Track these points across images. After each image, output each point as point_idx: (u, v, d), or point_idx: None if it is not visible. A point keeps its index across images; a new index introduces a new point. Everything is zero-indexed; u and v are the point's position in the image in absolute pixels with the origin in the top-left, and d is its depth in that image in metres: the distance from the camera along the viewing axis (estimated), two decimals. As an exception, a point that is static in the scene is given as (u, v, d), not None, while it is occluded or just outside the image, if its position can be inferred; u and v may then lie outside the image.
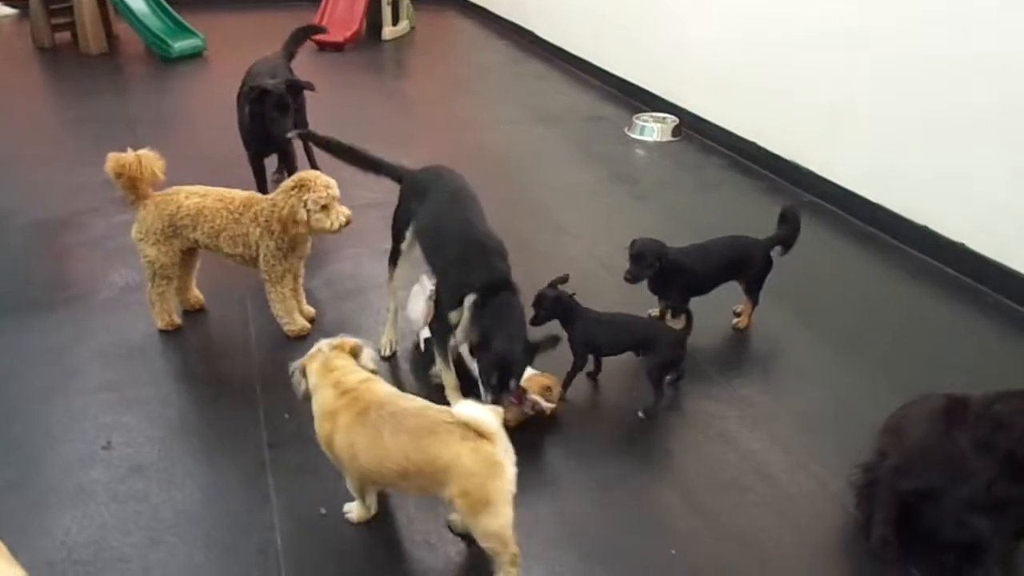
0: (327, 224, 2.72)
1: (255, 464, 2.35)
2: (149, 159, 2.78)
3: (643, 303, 3.28)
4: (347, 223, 2.77)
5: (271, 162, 4.05)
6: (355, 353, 2.12)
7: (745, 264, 3.01)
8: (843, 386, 2.84)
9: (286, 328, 2.95)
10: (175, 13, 7.14)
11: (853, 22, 4.03)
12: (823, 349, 3.03)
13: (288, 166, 3.95)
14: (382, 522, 2.17)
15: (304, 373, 2.08)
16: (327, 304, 3.20)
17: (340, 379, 2.01)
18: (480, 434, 1.80)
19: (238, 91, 4.00)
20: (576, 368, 2.68)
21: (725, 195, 4.51)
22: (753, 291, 3.07)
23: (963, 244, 3.56)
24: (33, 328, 2.98)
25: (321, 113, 3.76)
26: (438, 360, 2.56)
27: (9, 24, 7.98)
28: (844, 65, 4.11)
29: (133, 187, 2.79)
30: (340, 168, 3.01)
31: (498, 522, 1.83)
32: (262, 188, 3.88)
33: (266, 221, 2.78)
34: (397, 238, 2.81)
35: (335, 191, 2.74)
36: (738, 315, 3.14)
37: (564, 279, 2.73)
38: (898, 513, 2.10)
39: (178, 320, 3.00)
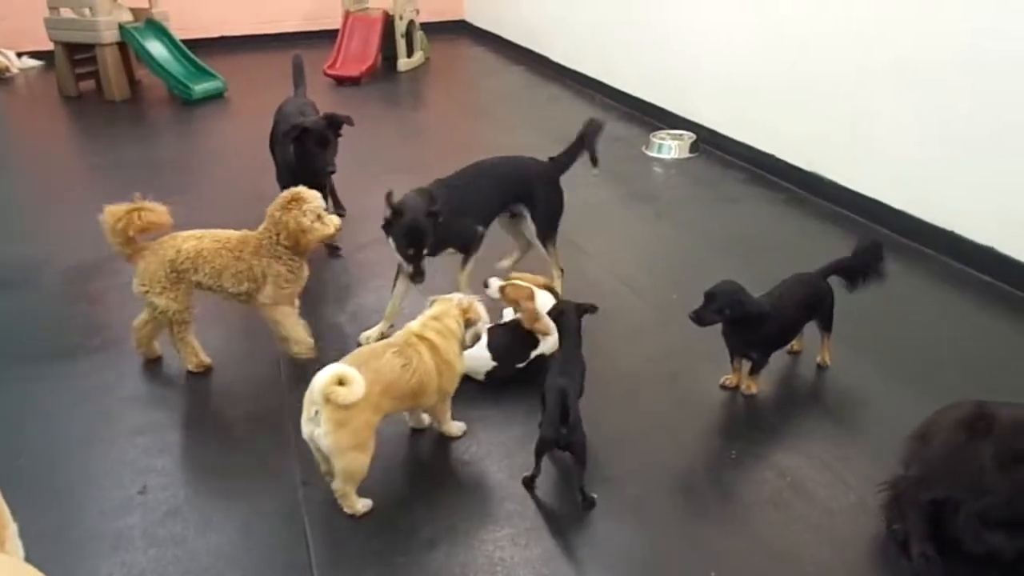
0: (326, 231, 2.87)
1: (290, 503, 2.36)
2: (149, 213, 2.79)
3: (668, 325, 3.28)
4: (339, 229, 2.94)
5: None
6: (470, 322, 2.54)
7: (820, 302, 2.85)
8: (877, 396, 2.81)
9: (296, 349, 2.99)
10: (195, 57, 7.29)
11: (868, 29, 4.02)
12: (855, 359, 2.99)
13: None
14: (420, 558, 2.17)
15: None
16: (354, 338, 3.22)
17: (429, 324, 2.48)
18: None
19: (271, 131, 4.06)
20: None
21: (745, 209, 4.50)
22: (828, 325, 2.90)
23: (992, 248, 3.51)
24: (70, 374, 3.03)
25: (340, 146, 3.81)
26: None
27: (35, 75, 8.19)
28: (861, 72, 4.09)
29: (128, 241, 2.81)
30: (365, 202, 3.07)
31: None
32: None
33: (268, 249, 2.85)
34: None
35: (321, 203, 2.90)
36: (794, 352, 3.01)
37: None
38: (932, 528, 2.06)
39: (207, 360, 3.03)
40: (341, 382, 2.11)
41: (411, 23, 8.05)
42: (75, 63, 7.12)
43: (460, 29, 9.75)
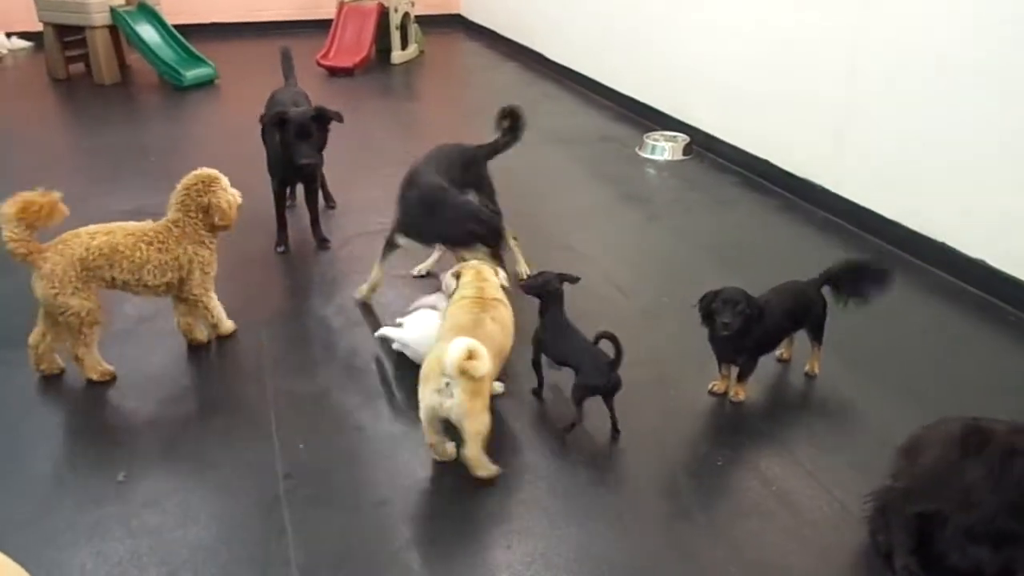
0: (238, 201, 2.96)
1: (270, 496, 2.33)
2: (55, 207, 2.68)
3: (658, 329, 3.27)
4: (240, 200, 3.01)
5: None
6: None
7: (808, 311, 2.83)
8: (864, 406, 2.80)
9: (223, 327, 3.07)
10: (187, 43, 7.21)
11: (858, 35, 4.01)
12: (843, 369, 2.98)
13: (312, 195, 3.97)
14: (401, 557, 2.15)
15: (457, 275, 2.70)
16: (340, 332, 3.19)
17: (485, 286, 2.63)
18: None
19: (261, 120, 4.02)
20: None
21: (738, 214, 4.49)
22: (818, 335, 2.87)
23: (982, 261, 3.51)
24: (48, 361, 2.98)
25: (332, 137, 3.77)
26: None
27: (25, 57, 8.09)
28: (851, 78, 4.08)
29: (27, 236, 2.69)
30: (356, 195, 3.04)
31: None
32: (282, 218, 3.91)
33: (191, 235, 2.86)
34: None
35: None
36: (783, 360, 2.99)
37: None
38: (916, 541, 2.05)
39: (110, 368, 2.86)
40: (471, 356, 2.20)
41: (406, 16, 8.00)
42: (65, 45, 7.02)
43: (455, 23, 9.70)
